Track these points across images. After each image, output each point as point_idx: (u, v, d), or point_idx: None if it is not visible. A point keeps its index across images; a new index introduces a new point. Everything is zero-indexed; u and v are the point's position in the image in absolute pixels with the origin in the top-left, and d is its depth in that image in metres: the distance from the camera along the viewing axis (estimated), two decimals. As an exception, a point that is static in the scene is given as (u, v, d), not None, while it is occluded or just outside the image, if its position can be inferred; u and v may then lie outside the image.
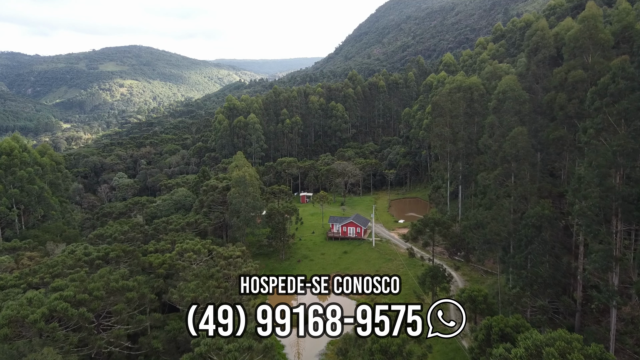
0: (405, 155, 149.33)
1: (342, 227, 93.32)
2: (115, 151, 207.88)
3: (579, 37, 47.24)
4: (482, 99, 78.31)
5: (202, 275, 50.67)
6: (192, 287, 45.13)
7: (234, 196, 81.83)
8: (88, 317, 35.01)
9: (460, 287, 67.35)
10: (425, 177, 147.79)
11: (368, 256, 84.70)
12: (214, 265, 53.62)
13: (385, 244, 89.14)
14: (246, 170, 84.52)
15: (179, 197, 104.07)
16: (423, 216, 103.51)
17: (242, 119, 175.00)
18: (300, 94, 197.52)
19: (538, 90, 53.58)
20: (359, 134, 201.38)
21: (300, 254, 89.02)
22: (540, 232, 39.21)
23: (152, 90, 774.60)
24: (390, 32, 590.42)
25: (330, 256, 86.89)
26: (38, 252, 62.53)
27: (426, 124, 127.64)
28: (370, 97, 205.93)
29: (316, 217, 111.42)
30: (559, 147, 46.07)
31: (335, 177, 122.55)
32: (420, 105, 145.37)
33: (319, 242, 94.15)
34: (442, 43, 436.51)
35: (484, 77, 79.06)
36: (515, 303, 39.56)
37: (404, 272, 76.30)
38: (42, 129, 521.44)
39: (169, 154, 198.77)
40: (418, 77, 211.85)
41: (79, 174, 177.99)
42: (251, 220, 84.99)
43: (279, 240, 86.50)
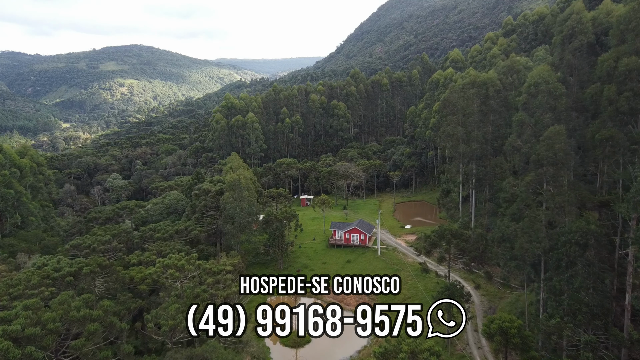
0: (411, 156, 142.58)
1: (345, 233, 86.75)
2: (110, 151, 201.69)
3: (632, 17, 40.03)
4: (498, 95, 71.63)
5: (187, 296, 44.13)
6: (171, 313, 38.58)
7: (227, 201, 75.32)
8: (36, 358, 28.53)
9: (477, 302, 60.80)
10: (431, 179, 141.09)
11: (373, 266, 78.06)
12: (200, 283, 47.09)
13: (392, 253, 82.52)
14: (241, 172, 77.99)
15: (171, 201, 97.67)
16: (437, 225, 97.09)
17: (241, 118, 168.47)
18: (300, 92, 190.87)
19: (573, 83, 46.90)
20: (361, 134, 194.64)
21: (300, 263, 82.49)
22: (585, 252, 32.64)
23: (152, 89, 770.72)
24: (392, 30, 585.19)
25: (332, 266, 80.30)
26: (7, 265, 56.11)
27: (433, 123, 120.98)
28: (373, 96, 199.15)
29: (317, 222, 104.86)
30: (607, 148, 39.23)
31: (337, 179, 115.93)
32: (426, 103, 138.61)
33: (320, 250, 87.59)
34: (444, 41, 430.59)
35: (499, 72, 72.43)
36: (556, 336, 33.03)
37: (412, 285, 69.75)
38: (40, 129, 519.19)
39: (165, 154, 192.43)
40: (422, 74, 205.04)
41: (72, 175, 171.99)
42: (247, 226, 78.48)
43: (277, 248, 79.94)
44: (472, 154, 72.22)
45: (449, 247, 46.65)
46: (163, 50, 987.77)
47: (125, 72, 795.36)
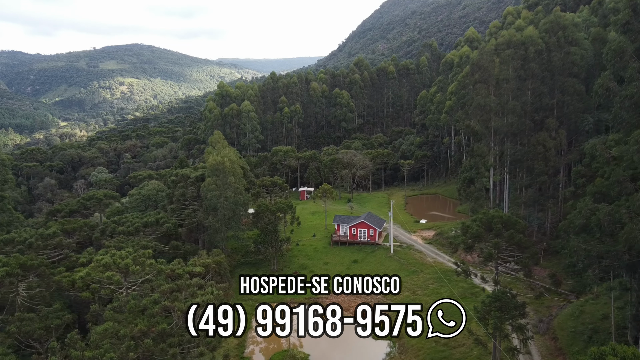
0: (421, 145, 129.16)
1: (351, 228, 73.43)
2: (97, 144, 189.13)
3: None
4: (539, 57, 58.23)
5: (130, 309, 30.88)
6: (94, 340, 25.39)
7: (209, 188, 62.20)
8: None
9: (533, 317, 46.88)
10: (444, 170, 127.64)
11: (385, 267, 64.76)
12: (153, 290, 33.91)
13: (407, 251, 69.19)
14: (226, 154, 64.82)
15: (149, 192, 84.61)
16: (457, 220, 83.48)
17: (235, 107, 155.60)
18: (301, 80, 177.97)
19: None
20: (366, 125, 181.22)
21: (297, 263, 69.28)
22: None
23: (153, 88, 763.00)
24: (395, 27, 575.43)
25: (335, 267, 67.08)
26: None
27: (449, 106, 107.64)
28: (379, 85, 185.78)
29: (318, 216, 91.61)
30: None
31: (341, 168, 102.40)
32: (439, 87, 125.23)
33: (321, 248, 74.35)
34: (449, 36, 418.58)
35: (541, 30, 59.24)
36: None
37: (435, 291, 56.47)
38: (37, 127, 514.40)
39: (155, 147, 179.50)
40: (431, 62, 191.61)
41: (54, 169, 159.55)
42: (233, 219, 65.33)
43: (270, 245, 66.58)
44: (507, 129, 58.87)
45: (498, 241, 33.33)
46: (164, 49, 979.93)
47: (126, 71, 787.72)
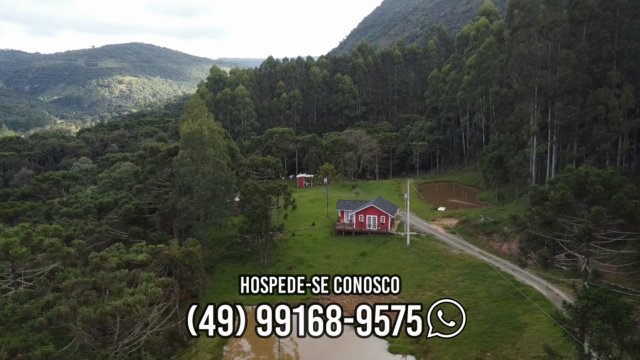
0: (432, 130, 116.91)
1: (358, 215, 60.94)
2: (83, 134, 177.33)
3: None
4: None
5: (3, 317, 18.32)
6: None
7: (182, 162, 49.86)
8: None
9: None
10: (458, 157, 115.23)
11: (401, 261, 52.34)
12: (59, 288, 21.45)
13: (427, 242, 56.73)
14: (204, 121, 52.40)
15: (121, 174, 72.33)
16: (480, 207, 71.17)
17: (229, 92, 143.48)
18: (300, 65, 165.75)
19: None
20: (370, 113, 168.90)
21: (293, 256, 56.93)
22: None
23: (152, 87, 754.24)
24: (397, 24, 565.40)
25: (339, 261, 54.72)
26: None
27: (467, 81, 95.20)
28: (384, 70, 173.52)
29: (318, 204, 79.26)
30: None
31: (344, 151, 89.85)
32: (453, 64, 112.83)
33: (321, 239, 61.91)
34: (453, 31, 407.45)
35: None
36: None
37: (467, 289, 44.07)
38: (33, 124, 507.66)
39: (144, 136, 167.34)
40: (440, 47, 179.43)
41: (32, 158, 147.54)
42: (213, 202, 52.92)
43: (259, 235, 54.06)
44: (557, 85, 46.36)
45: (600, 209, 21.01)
46: (163, 48, 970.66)
47: (125, 70, 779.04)
